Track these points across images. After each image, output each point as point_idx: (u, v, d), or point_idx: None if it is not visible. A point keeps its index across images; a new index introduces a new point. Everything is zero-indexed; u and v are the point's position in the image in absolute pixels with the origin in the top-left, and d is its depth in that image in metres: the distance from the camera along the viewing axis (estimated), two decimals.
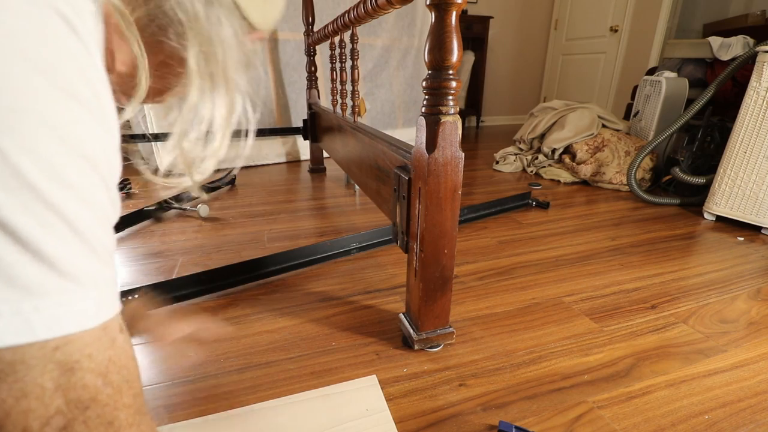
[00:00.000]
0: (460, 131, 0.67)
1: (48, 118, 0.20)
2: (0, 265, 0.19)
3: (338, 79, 1.46)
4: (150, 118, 2.08)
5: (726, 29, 2.37)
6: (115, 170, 0.25)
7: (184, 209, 1.57)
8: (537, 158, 2.30)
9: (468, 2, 3.88)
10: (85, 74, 0.22)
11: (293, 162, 2.50)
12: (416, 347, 0.80)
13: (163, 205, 1.55)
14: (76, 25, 0.22)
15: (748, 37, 1.92)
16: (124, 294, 0.89)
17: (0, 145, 0.19)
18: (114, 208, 0.25)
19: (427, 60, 0.64)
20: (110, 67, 0.28)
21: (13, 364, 0.21)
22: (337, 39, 1.43)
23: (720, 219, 1.57)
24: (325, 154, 2.22)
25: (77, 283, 0.22)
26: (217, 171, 0.35)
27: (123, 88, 0.30)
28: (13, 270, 0.20)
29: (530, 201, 1.71)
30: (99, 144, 0.23)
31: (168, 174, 0.35)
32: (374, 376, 0.75)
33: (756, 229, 1.48)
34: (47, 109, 0.20)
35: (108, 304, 0.25)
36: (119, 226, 1.39)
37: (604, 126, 2.25)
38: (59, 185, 0.21)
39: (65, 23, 0.21)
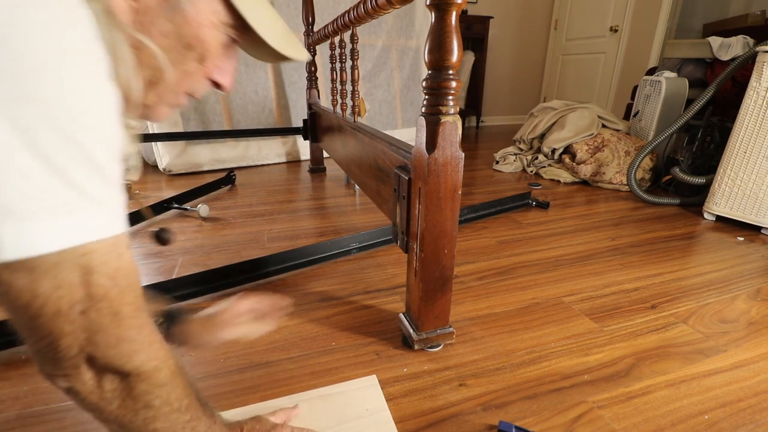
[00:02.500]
0: (460, 131, 0.67)
1: (71, 81, 0.27)
2: (48, 186, 0.27)
3: (338, 79, 1.46)
4: None
5: (726, 29, 2.36)
6: (117, 111, 0.31)
7: (184, 209, 1.57)
8: (537, 158, 2.30)
9: (468, 2, 3.88)
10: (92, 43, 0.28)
11: (293, 162, 2.50)
12: (416, 347, 0.80)
13: (164, 205, 1.55)
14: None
15: (748, 37, 1.92)
16: None
17: (45, 100, 0.26)
18: (121, 144, 0.32)
19: (427, 60, 0.64)
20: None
21: (56, 265, 0.29)
22: (337, 39, 1.43)
23: (720, 219, 1.57)
24: (325, 154, 2.22)
25: (98, 204, 0.30)
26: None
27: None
28: (57, 190, 0.27)
29: (530, 201, 1.71)
30: (108, 94, 0.30)
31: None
32: (374, 376, 0.75)
33: (756, 229, 1.48)
34: (72, 73, 0.27)
35: (118, 221, 0.32)
36: None
37: (604, 126, 2.25)
38: (83, 128, 0.28)
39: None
